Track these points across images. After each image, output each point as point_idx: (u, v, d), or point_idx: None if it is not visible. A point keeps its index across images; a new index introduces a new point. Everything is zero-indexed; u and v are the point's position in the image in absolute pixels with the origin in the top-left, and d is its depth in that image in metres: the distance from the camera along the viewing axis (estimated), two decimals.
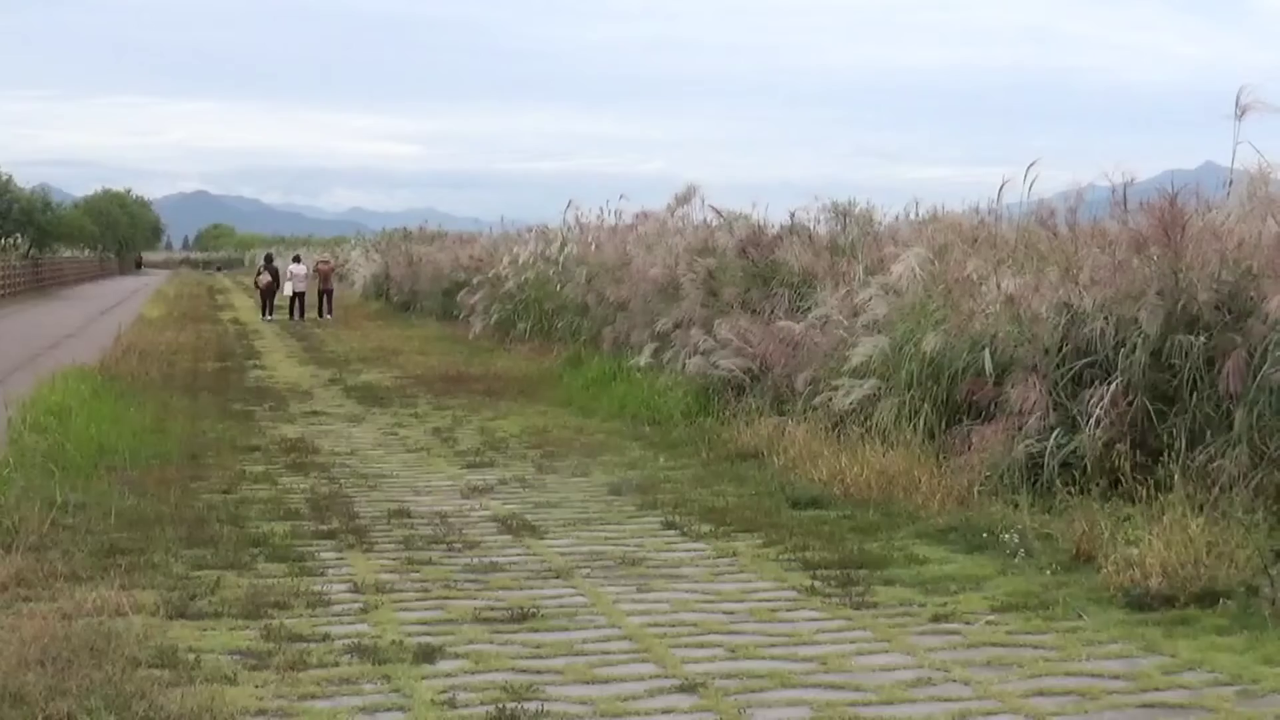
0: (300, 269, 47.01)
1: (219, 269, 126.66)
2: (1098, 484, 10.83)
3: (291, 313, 44.59)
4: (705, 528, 11.17)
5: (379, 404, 20.52)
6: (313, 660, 7.51)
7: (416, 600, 8.92)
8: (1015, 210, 15.68)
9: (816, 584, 9.29)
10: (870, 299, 15.13)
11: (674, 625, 8.32)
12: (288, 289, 45.67)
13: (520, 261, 32.70)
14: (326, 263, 49.17)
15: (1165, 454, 10.65)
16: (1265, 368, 10.42)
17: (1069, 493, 10.76)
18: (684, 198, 25.72)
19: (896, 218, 20.85)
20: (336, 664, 7.48)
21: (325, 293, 46.21)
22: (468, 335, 33.00)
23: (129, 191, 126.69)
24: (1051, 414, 11.56)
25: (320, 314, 45.09)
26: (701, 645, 7.90)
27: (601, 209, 31.75)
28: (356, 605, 8.75)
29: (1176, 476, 10.19)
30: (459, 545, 10.54)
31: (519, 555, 10.26)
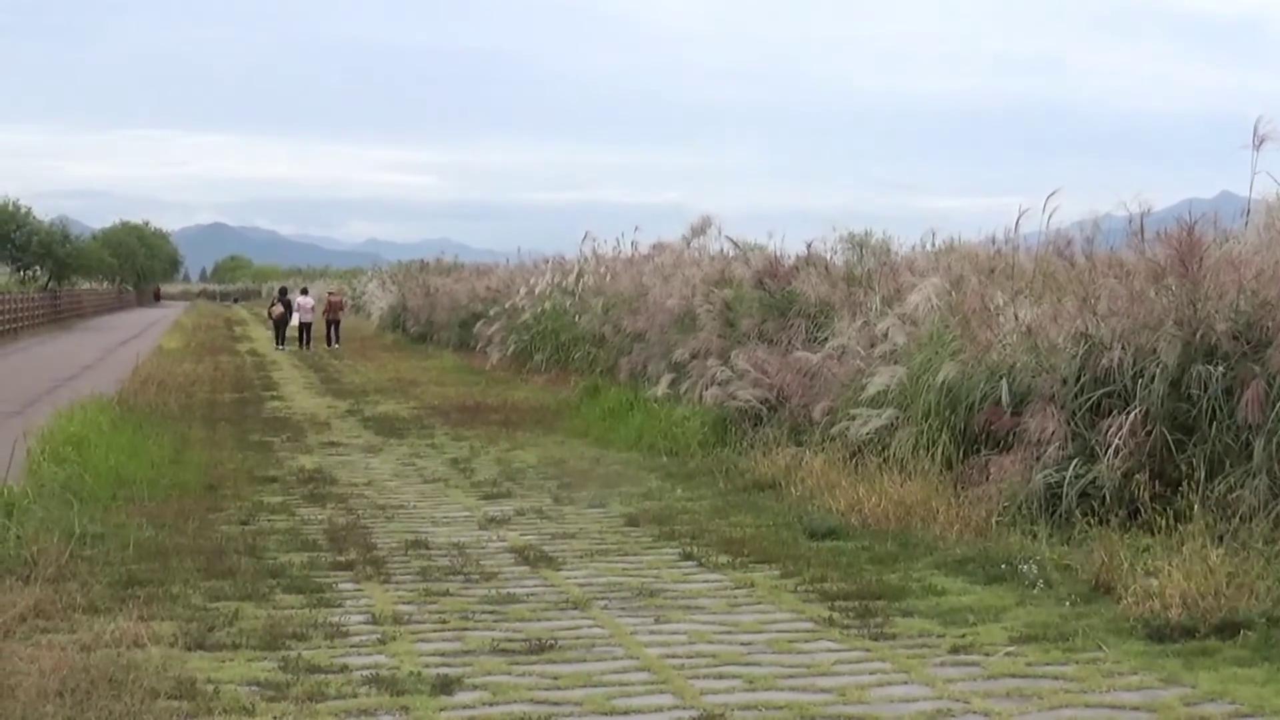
0: (307, 300, 48.86)
1: (236, 300, 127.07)
2: (1117, 514, 10.80)
3: (300, 342, 46.27)
4: (723, 559, 11.15)
5: (396, 435, 20.55)
6: (331, 691, 7.51)
7: (434, 631, 8.92)
8: (1032, 240, 15.67)
9: (834, 615, 9.26)
10: (887, 329, 15.13)
11: (692, 656, 8.30)
12: (295, 319, 47.35)
13: (537, 292, 32.80)
14: (336, 294, 51.23)
15: (1184, 484, 10.60)
16: None
17: (1088, 523, 10.73)
18: (700, 228, 25.80)
19: (913, 248, 20.89)
20: (354, 695, 7.48)
21: (333, 323, 47.85)
22: (484, 366, 33.08)
23: (147, 224, 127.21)
24: (1070, 444, 11.53)
25: (329, 343, 46.67)
26: (719, 676, 7.88)
27: (618, 240, 31.89)
28: (374, 636, 8.75)
29: (1196, 507, 10.15)
30: (476, 576, 10.54)
31: (536, 586, 10.26)
